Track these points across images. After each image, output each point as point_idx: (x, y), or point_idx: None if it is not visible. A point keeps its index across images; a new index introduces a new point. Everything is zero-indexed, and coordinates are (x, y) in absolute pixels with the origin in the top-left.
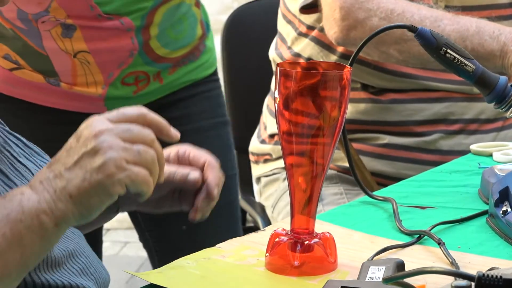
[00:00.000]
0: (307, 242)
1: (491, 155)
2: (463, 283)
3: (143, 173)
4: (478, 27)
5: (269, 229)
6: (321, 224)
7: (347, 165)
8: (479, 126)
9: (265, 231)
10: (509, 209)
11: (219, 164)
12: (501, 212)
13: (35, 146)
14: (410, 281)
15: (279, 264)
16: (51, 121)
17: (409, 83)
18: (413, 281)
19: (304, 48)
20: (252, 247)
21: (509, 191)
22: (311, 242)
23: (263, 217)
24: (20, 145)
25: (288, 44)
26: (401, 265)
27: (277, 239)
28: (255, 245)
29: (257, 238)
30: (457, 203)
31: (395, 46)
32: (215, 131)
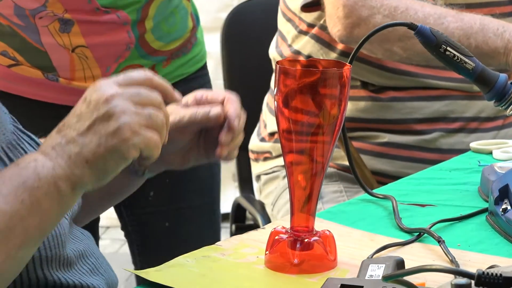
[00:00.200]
0: (306, 240)
1: (491, 153)
2: (463, 281)
3: (155, 137)
4: (482, 24)
5: (269, 227)
6: (321, 222)
7: (347, 163)
8: (479, 124)
9: (265, 229)
10: (509, 207)
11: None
12: (501, 210)
13: None
14: (409, 279)
15: (278, 262)
16: (51, 117)
17: (409, 81)
18: (413, 279)
19: (304, 45)
20: (251, 245)
21: (509, 189)
22: (311, 240)
23: (262, 215)
24: (32, 144)
25: (288, 42)
26: (401, 263)
27: (276, 237)
28: (254, 243)
29: (256, 236)
30: (457, 201)
31: (399, 43)
32: None
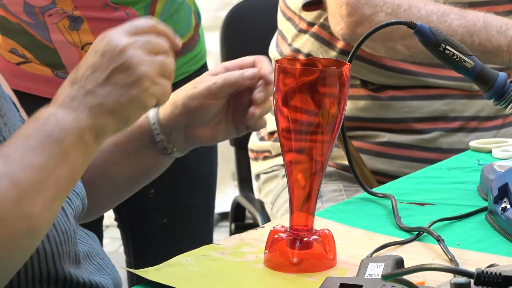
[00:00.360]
0: (306, 239)
1: (490, 152)
2: (462, 280)
3: (169, 85)
4: (485, 21)
5: (268, 226)
6: (320, 221)
7: (346, 162)
8: (479, 123)
9: (264, 228)
10: (508, 206)
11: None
12: (500, 208)
13: None
14: (409, 278)
15: (278, 261)
16: None
17: (409, 79)
18: (412, 278)
19: (303, 44)
20: (251, 244)
21: (509, 188)
22: (310, 239)
23: (262, 214)
24: None
25: (288, 41)
26: (400, 262)
27: (276, 236)
28: (254, 242)
29: (256, 235)
30: (456, 200)
31: (402, 41)
32: None
